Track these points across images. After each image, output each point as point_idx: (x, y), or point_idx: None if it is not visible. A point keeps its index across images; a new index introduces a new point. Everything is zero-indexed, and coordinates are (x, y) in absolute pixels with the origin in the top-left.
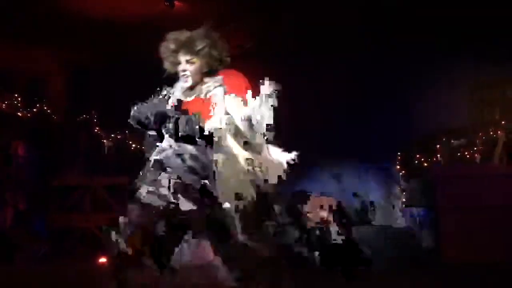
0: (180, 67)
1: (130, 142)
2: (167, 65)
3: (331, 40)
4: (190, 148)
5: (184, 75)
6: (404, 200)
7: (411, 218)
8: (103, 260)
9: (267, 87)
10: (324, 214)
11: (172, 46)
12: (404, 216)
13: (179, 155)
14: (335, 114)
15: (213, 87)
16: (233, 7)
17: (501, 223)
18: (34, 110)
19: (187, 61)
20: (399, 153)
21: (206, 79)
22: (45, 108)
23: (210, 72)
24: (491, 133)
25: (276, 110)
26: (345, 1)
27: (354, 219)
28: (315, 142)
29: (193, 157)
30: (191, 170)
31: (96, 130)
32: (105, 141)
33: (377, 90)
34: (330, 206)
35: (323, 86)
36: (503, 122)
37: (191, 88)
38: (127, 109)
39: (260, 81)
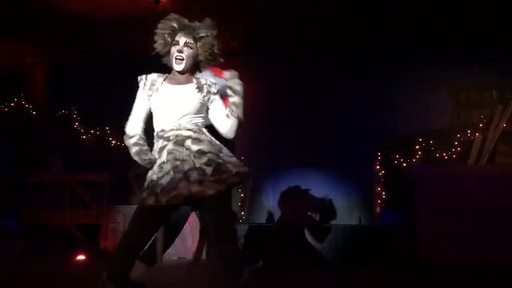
0: (176, 48)
1: (110, 139)
2: (159, 43)
3: (309, 39)
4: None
5: (179, 56)
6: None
7: (390, 218)
8: (81, 257)
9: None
10: None
11: (175, 24)
12: (383, 215)
13: (179, 143)
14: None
15: (214, 88)
16: (218, 5)
17: (479, 224)
18: (12, 104)
19: (186, 44)
20: (378, 153)
21: (202, 77)
22: (23, 102)
23: (198, 69)
24: (469, 135)
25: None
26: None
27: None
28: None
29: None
30: (201, 153)
31: (75, 126)
32: (84, 137)
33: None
34: None
35: (301, 85)
36: (480, 125)
37: (181, 80)
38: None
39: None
